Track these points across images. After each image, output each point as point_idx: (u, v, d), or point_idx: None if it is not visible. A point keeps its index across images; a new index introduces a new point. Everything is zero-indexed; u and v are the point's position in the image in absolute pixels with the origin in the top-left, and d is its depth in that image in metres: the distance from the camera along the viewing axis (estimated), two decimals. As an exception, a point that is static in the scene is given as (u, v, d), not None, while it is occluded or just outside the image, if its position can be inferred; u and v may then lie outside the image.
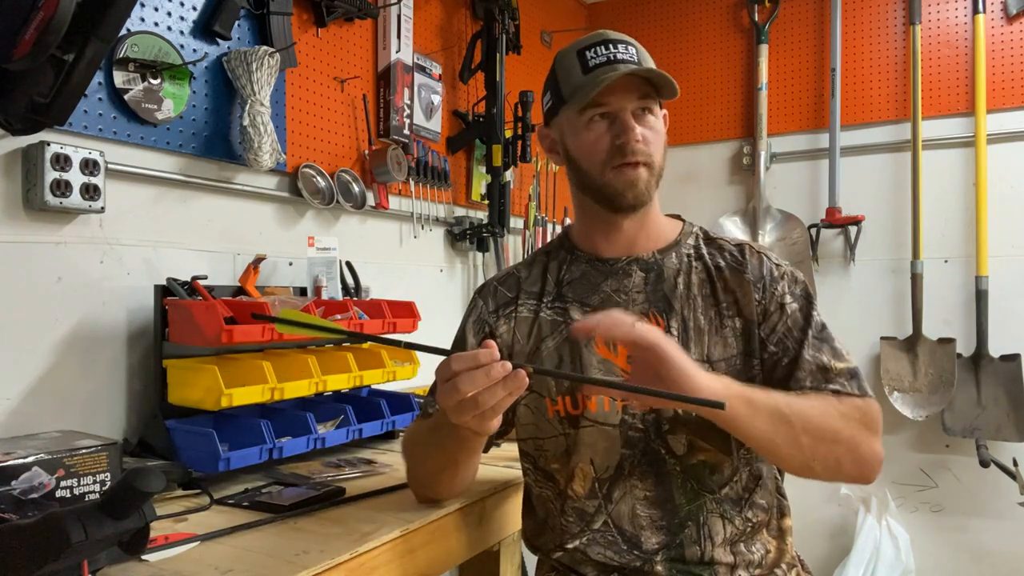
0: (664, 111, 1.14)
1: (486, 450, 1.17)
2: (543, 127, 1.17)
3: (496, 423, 0.92)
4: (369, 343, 1.71)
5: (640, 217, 1.11)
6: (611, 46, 1.05)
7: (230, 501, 1.16)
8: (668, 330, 1.06)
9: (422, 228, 2.15)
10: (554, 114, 1.12)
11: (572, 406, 1.09)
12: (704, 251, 1.13)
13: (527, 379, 0.85)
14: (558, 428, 1.10)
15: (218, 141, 1.55)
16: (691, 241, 1.14)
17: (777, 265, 1.11)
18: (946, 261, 2.55)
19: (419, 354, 1.61)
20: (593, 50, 1.05)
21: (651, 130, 1.06)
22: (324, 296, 1.61)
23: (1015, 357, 2.41)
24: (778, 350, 1.06)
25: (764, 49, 2.78)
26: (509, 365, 0.85)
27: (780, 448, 0.96)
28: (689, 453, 1.04)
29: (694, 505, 1.05)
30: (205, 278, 1.39)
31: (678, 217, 1.19)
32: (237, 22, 1.57)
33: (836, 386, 1.03)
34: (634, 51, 1.06)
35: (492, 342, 0.87)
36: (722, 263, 1.11)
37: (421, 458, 1.12)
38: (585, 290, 1.12)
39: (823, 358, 1.04)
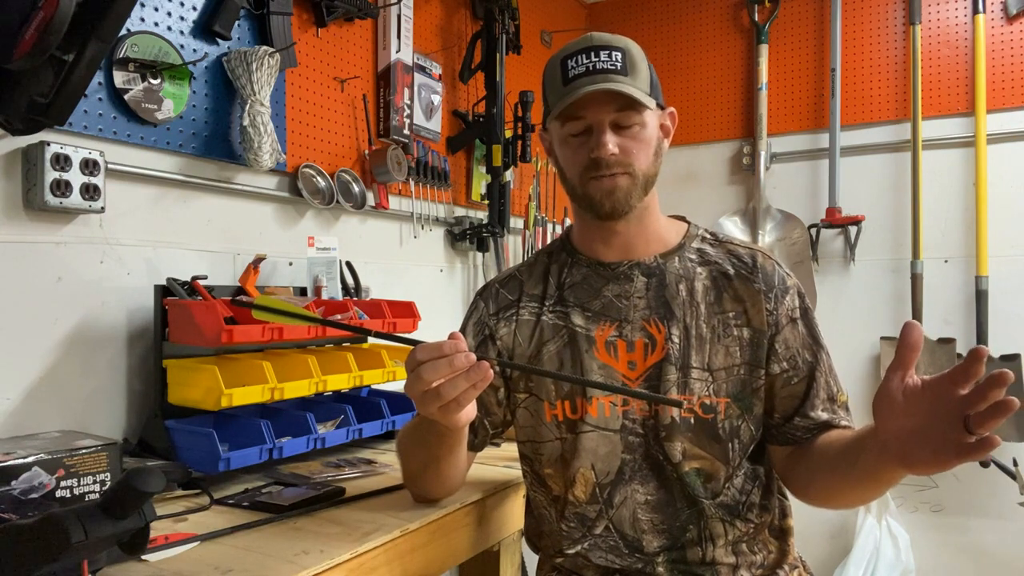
0: (670, 109, 1.12)
1: (480, 448, 1.18)
2: (542, 130, 1.17)
3: (464, 417, 0.92)
4: (369, 344, 1.71)
5: (635, 221, 1.10)
6: (593, 54, 1.02)
7: (230, 501, 1.16)
8: (669, 337, 1.06)
9: (422, 228, 2.15)
10: (547, 120, 1.12)
11: (571, 411, 1.08)
12: (711, 256, 1.11)
13: (491, 371, 0.86)
14: (555, 432, 1.09)
15: (218, 141, 1.54)
16: (695, 245, 1.13)
17: (788, 275, 1.11)
18: (946, 261, 2.55)
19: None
20: (575, 59, 1.03)
21: (633, 139, 1.04)
22: (324, 296, 1.61)
23: (1015, 357, 2.41)
24: (790, 367, 1.07)
25: (764, 49, 2.77)
26: (473, 356, 0.86)
27: (860, 499, 1.00)
28: (684, 460, 1.04)
29: (694, 509, 1.04)
30: (205, 278, 1.39)
31: (682, 219, 1.18)
32: (237, 22, 1.57)
33: (846, 422, 1.06)
34: (619, 56, 1.02)
35: (459, 333, 0.89)
36: (730, 270, 1.09)
37: (408, 456, 1.12)
38: (586, 294, 1.11)
39: (832, 386, 1.08)
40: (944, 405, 0.75)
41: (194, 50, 1.50)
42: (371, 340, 1.71)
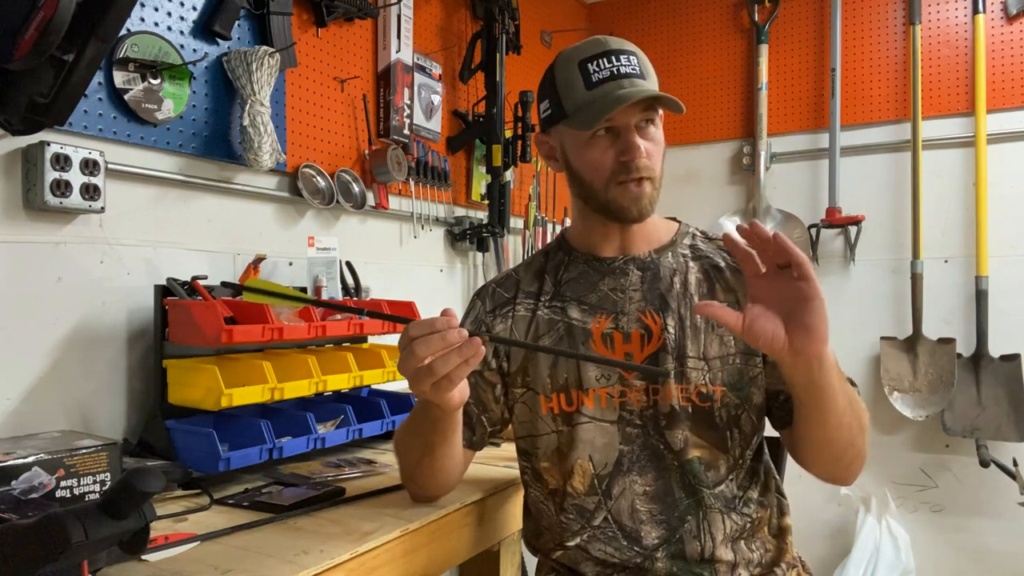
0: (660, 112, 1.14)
1: (479, 447, 1.18)
2: (540, 133, 1.16)
3: (457, 396, 0.94)
4: (369, 344, 1.71)
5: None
6: (613, 58, 1.03)
7: (230, 501, 1.16)
8: (664, 328, 1.07)
9: (422, 228, 2.15)
10: (553, 123, 1.11)
11: (566, 403, 1.09)
12: (702, 251, 1.14)
13: (483, 347, 0.87)
14: (551, 425, 1.10)
15: (218, 141, 1.55)
16: (687, 241, 1.15)
17: None
18: (946, 261, 2.55)
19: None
20: (596, 63, 1.03)
21: (653, 143, 1.06)
22: (324, 296, 1.61)
23: (1015, 357, 2.41)
24: None
25: (764, 49, 2.78)
26: (465, 332, 0.87)
27: (833, 431, 0.98)
28: (685, 448, 1.05)
29: (693, 499, 1.05)
30: (205, 278, 1.39)
31: (674, 219, 1.20)
32: (237, 22, 1.57)
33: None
34: (636, 61, 1.05)
35: (451, 309, 0.89)
36: (722, 263, 1.12)
37: (404, 449, 1.12)
38: (583, 288, 1.13)
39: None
40: (776, 287, 0.88)
41: (194, 50, 1.50)
42: (371, 340, 1.72)
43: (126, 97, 1.36)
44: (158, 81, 1.41)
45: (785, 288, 0.87)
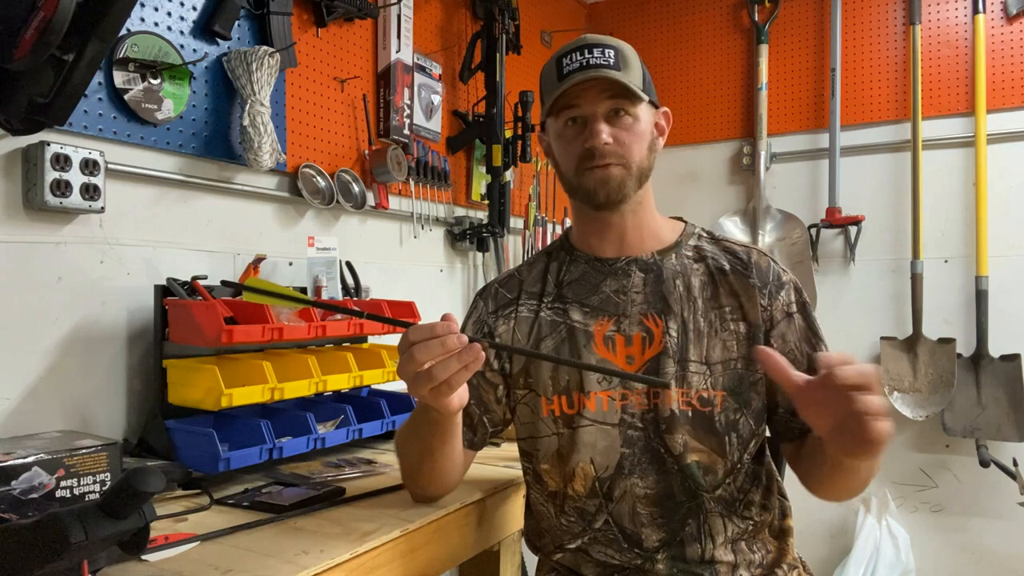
0: (664, 109, 1.14)
1: (479, 447, 1.18)
2: (540, 132, 1.18)
3: (456, 401, 0.94)
4: (369, 344, 1.71)
5: (630, 214, 1.11)
6: (587, 51, 1.05)
7: (230, 501, 1.16)
8: (667, 331, 1.06)
9: (422, 228, 2.15)
10: (544, 119, 1.14)
11: (568, 405, 1.09)
12: (707, 252, 1.13)
13: (483, 353, 0.88)
14: (552, 428, 1.10)
15: (218, 141, 1.54)
16: (692, 243, 1.14)
17: (784, 271, 1.12)
18: (946, 261, 2.55)
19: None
20: (570, 56, 1.06)
21: (626, 131, 1.06)
22: (324, 296, 1.61)
23: (1015, 357, 2.41)
24: (789, 360, 1.06)
25: (764, 49, 2.77)
26: (465, 338, 0.87)
27: (841, 487, 1.02)
28: (684, 453, 1.05)
29: (693, 503, 1.05)
30: (205, 278, 1.39)
31: (680, 219, 1.19)
32: (237, 22, 1.57)
33: None
34: (612, 53, 1.05)
35: (451, 314, 0.90)
36: (726, 266, 1.11)
37: (405, 451, 1.12)
38: (585, 290, 1.12)
39: None
40: (840, 398, 0.80)
41: (194, 50, 1.50)
42: (371, 340, 1.72)
43: (126, 97, 1.36)
44: (158, 81, 1.41)
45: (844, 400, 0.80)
